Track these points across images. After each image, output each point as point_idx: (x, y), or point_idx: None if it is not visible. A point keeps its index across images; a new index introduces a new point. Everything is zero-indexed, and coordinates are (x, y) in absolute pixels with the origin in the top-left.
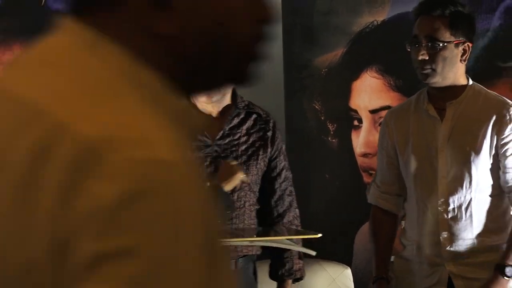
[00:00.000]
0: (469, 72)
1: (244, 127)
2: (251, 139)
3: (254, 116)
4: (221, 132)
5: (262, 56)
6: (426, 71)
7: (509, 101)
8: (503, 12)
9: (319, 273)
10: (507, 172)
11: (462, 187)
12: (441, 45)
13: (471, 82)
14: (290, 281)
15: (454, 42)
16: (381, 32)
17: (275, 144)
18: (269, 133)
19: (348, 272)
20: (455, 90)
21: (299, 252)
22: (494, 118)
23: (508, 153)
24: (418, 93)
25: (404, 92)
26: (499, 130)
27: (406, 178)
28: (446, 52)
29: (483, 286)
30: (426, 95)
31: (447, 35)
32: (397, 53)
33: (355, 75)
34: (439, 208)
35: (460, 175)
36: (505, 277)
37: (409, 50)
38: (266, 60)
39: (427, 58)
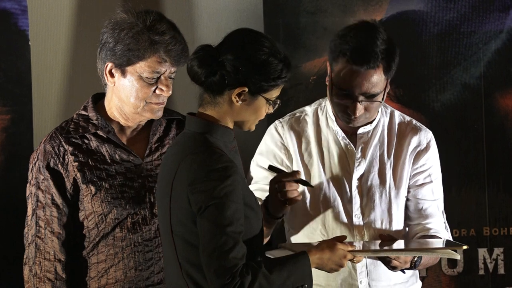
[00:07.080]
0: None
1: (170, 136)
2: None
3: (175, 122)
4: (148, 147)
5: None
6: (358, 122)
7: None
8: None
9: None
10: None
11: None
12: (378, 97)
13: None
14: None
15: (387, 84)
16: None
17: None
18: None
19: None
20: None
21: None
22: None
23: None
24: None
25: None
26: None
27: None
28: (380, 97)
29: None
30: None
31: (382, 84)
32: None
33: None
34: None
35: None
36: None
37: (335, 100)
38: None
39: (363, 112)
